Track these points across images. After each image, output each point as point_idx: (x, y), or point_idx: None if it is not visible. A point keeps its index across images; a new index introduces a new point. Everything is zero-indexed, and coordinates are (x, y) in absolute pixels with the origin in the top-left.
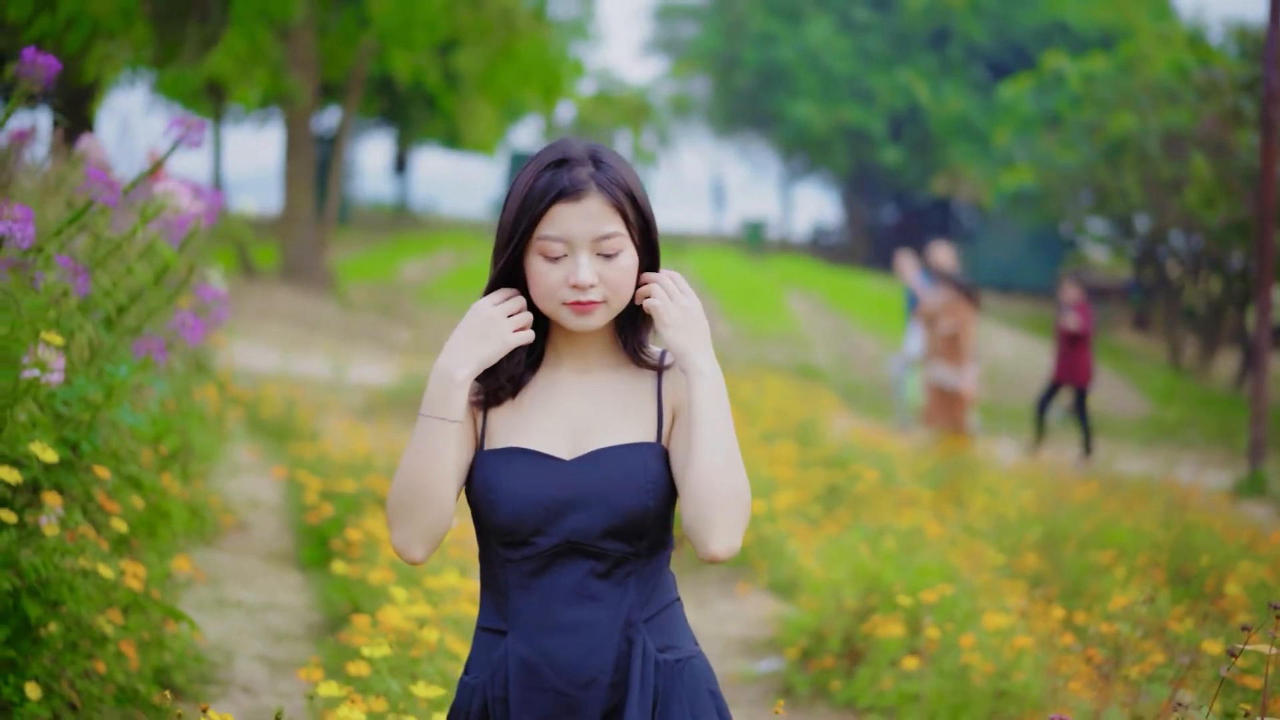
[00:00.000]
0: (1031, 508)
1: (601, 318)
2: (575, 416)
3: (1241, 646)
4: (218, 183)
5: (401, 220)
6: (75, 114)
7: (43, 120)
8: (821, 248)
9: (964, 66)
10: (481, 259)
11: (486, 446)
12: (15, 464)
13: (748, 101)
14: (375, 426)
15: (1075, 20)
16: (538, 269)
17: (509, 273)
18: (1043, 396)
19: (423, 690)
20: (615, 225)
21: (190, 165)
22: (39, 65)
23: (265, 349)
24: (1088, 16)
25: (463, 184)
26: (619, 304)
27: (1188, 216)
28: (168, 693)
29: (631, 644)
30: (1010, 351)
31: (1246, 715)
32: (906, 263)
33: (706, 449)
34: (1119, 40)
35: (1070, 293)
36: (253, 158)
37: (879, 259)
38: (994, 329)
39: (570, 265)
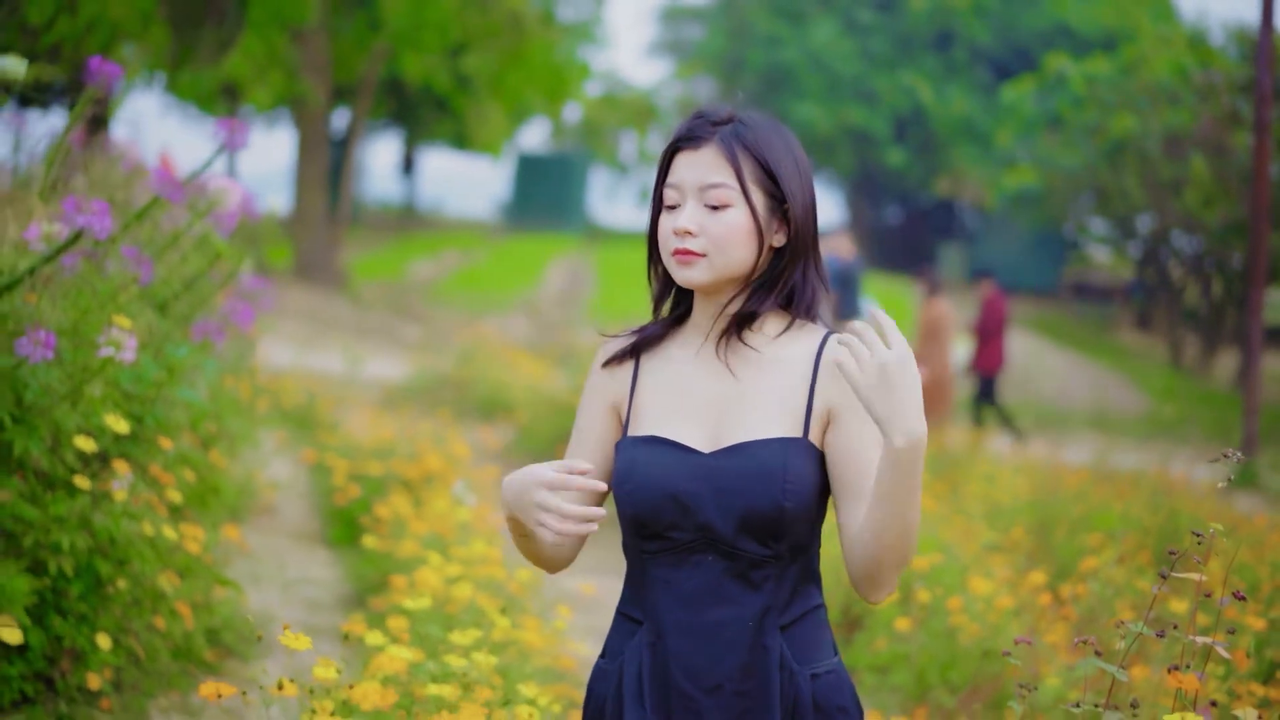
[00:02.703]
0: (1025, 494)
1: (702, 272)
2: (718, 402)
3: (1168, 572)
4: None
5: (409, 220)
6: (92, 115)
7: (57, 121)
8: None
9: (967, 68)
10: (487, 259)
11: (630, 431)
12: (88, 434)
13: (752, 103)
14: (395, 417)
15: (1077, 22)
16: (661, 218)
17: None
18: (982, 395)
19: (459, 637)
20: (723, 176)
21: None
22: (105, 74)
23: (281, 345)
24: (1090, 18)
25: (468, 184)
26: (723, 262)
27: (1188, 217)
28: (259, 634)
29: (767, 652)
30: (1012, 350)
31: (1175, 629)
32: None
33: (889, 527)
34: (1121, 42)
35: (983, 288)
36: (263, 158)
37: (883, 260)
38: None
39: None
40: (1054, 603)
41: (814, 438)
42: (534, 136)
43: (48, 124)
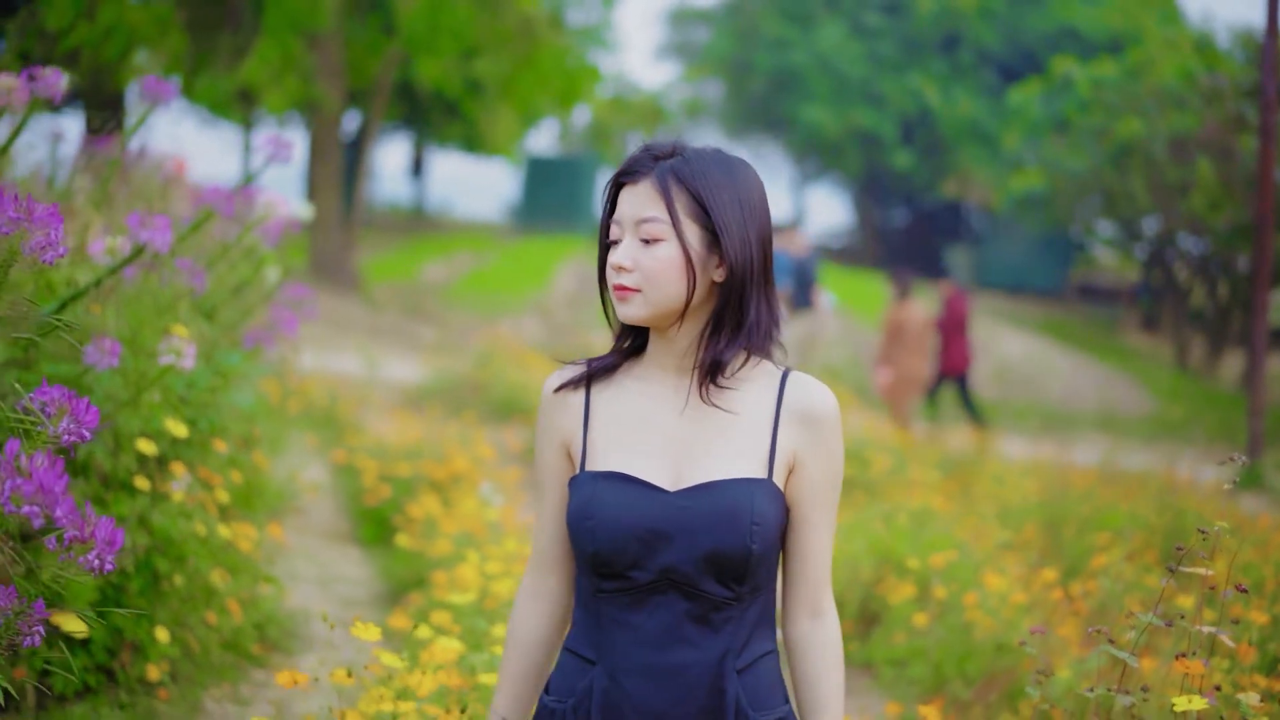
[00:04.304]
0: (1034, 494)
1: (639, 308)
2: (680, 438)
3: (1176, 566)
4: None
5: (419, 222)
6: (105, 120)
7: (72, 126)
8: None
9: (974, 71)
10: (499, 261)
11: (588, 466)
12: (147, 438)
13: (760, 105)
14: (419, 419)
15: (1084, 25)
16: (609, 253)
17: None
18: (961, 395)
19: (502, 631)
20: (656, 211)
21: (221, 169)
22: (160, 90)
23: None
24: (1097, 22)
25: (476, 186)
26: (658, 297)
27: (1194, 220)
28: (333, 621)
29: (724, 696)
30: (1019, 351)
31: (1182, 618)
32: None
33: None
34: (1127, 46)
35: (943, 288)
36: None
37: (890, 261)
38: (1003, 330)
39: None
40: (1065, 599)
41: (778, 479)
42: (542, 139)
43: (57, 127)
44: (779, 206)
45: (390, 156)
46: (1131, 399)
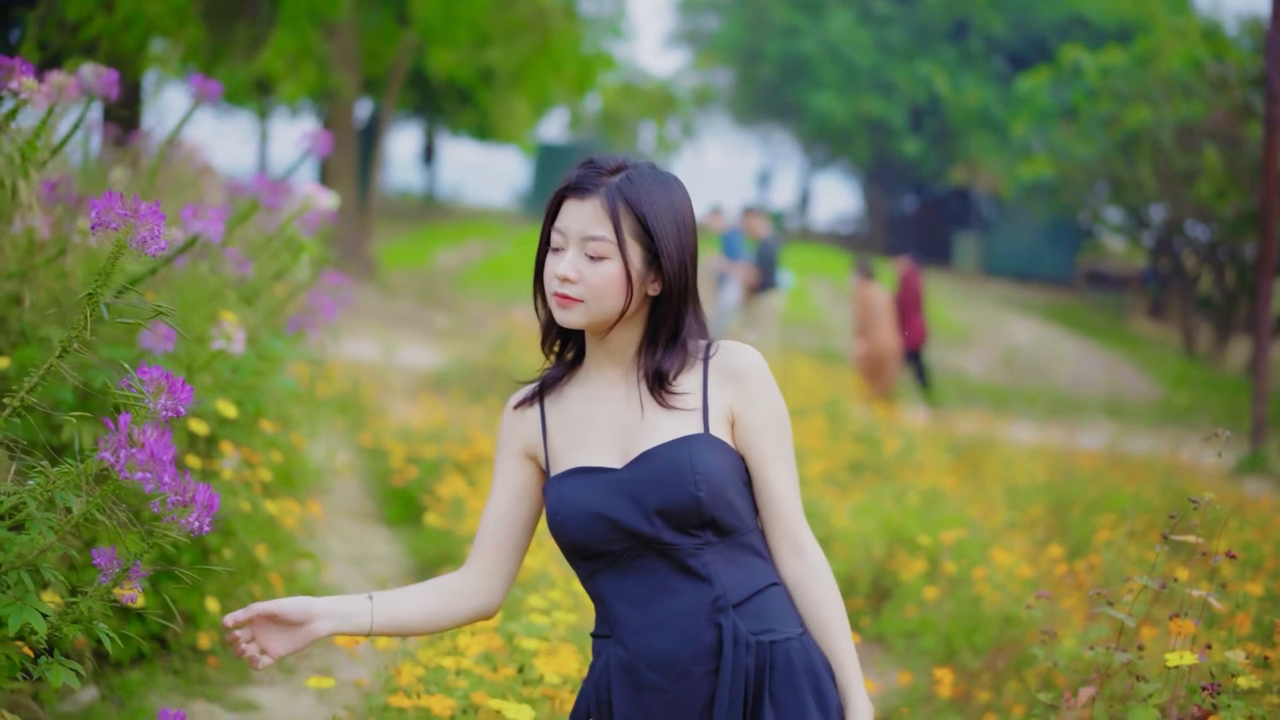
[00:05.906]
0: (1041, 476)
1: (579, 316)
2: (624, 424)
3: (1169, 533)
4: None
5: (430, 210)
6: (124, 111)
7: (94, 117)
8: (840, 237)
9: (983, 59)
10: (510, 249)
11: (552, 472)
12: (198, 419)
13: (769, 92)
14: (442, 403)
15: (1093, 13)
16: (547, 258)
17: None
18: (915, 370)
19: (536, 601)
20: (603, 230)
21: (237, 158)
22: (207, 89)
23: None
24: (1106, 10)
25: (487, 174)
26: (598, 309)
27: (1201, 207)
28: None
29: (720, 630)
30: (1027, 338)
31: (1175, 581)
32: (716, 219)
33: None
34: (1136, 33)
35: (898, 265)
36: (286, 148)
37: (899, 249)
38: (1012, 316)
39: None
40: (1069, 573)
41: (717, 432)
42: (552, 127)
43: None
44: (787, 192)
45: (402, 144)
46: (1138, 385)
